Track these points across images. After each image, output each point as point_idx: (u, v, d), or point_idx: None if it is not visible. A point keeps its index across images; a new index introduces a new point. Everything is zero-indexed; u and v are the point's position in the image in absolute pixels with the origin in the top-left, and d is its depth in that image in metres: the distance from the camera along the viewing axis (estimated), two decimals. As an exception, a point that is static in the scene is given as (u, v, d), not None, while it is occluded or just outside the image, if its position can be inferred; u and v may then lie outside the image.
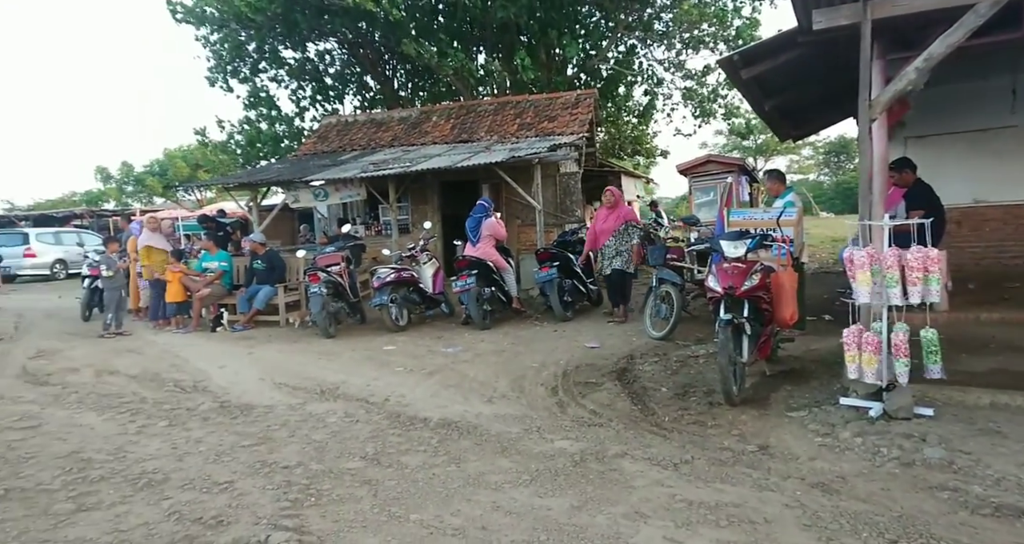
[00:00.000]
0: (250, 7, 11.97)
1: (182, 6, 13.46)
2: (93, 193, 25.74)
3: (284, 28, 13.27)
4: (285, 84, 15.60)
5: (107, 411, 5.01)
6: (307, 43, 14.95)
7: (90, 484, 3.49)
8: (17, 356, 7.35)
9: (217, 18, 13.02)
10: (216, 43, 14.02)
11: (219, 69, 14.31)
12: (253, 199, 11.45)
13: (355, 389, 5.47)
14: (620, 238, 7.61)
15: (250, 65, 14.56)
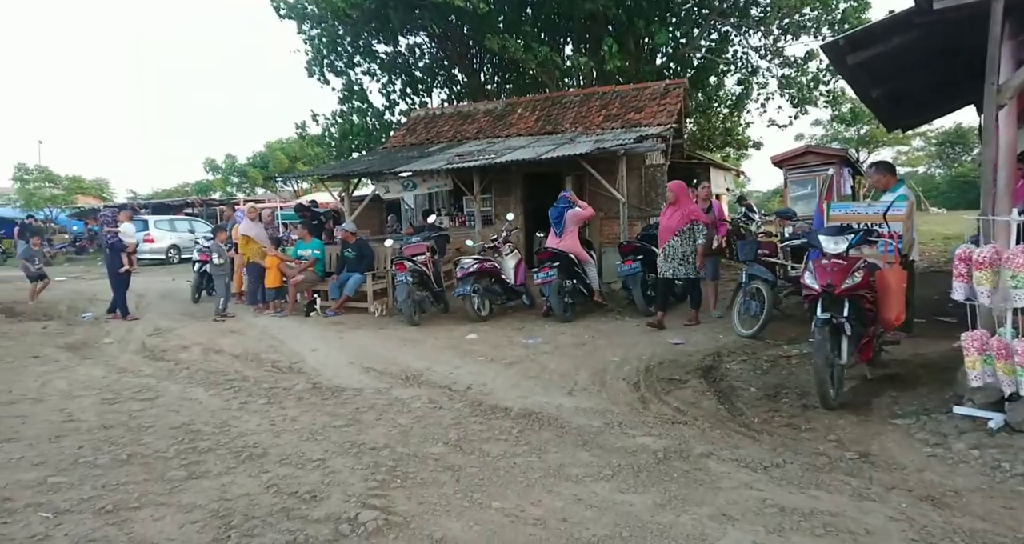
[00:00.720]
0: (347, 3, 12.47)
1: (284, 2, 14.22)
2: (202, 183, 27.78)
3: (377, 22, 13.71)
4: (377, 78, 16.16)
5: (213, 387, 5.39)
6: (398, 37, 15.39)
7: (199, 454, 3.77)
8: (138, 333, 8.04)
9: (316, 14, 13.67)
10: (315, 38, 14.70)
11: (316, 62, 15.00)
12: (345, 190, 11.93)
13: (438, 376, 5.60)
14: (684, 238, 6.98)
15: (345, 59, 15.16)
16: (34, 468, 3.54)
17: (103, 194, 25.48)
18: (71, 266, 18.91)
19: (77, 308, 10.04)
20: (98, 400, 4.98)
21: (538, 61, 13.00)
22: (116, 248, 9.07)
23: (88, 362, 6.50)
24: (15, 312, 9.74)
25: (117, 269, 9.00)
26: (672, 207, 7.09)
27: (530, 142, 11.27)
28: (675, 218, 7.00)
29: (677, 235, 6.97)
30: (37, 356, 6.66)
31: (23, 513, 2.98)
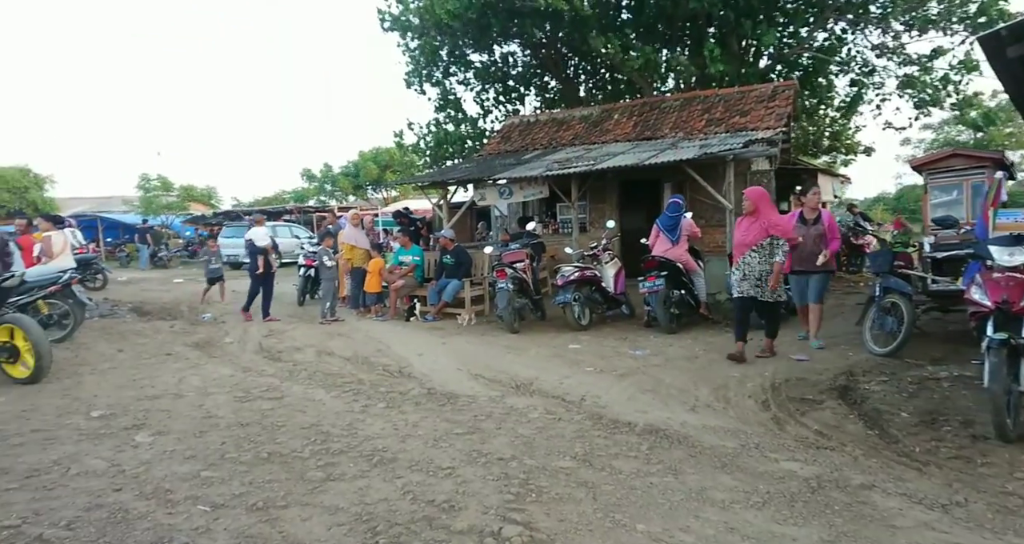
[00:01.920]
0: (449, 14, 12.77)
1: (390, 15, 14.77)
2: (299, 192, 29.26)
3: (476, 32, 13.95)
4: (471, 87, 16.45)
5: (333, 389, 5.54)
6: (494, 46, 15.60)
7: (332, 456, 3.84)
8: (253, 334, 8.45)
9: (418, 26, 14.10)
10: (415, 49, 15.16)
11: (415, 74, 15.46)
12: (443, 197, 12.15)
13: (549, 386, 5.52)
14: (762, 255, 5.92)
15: (442, 69, 15.53)
16: (186, 461, 3.73)
17: (212, 201, 27.30)
18: (185, 269, 20.34)
19: (197, 309, 10.71)
20: (231, 398, 5.22)
21: (638, 64, 12.77)
22: (252, 252, 9.54)
23: (215, 360, 6.87)
24: (144, 311, 10.50)
25: (255, 271, 9.48)
26: (749, 218, 6.02)
27: (628, 148, 11.06)
28: (752, 231, 5.96)
29: (755, 251, 5.93)
30: (170, 354, 7.10)
31: (184, 505, 3.11)
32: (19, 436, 4.17)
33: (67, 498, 3.17)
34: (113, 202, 30.40)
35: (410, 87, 15.73)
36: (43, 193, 24.44)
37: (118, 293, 12.83)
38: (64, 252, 8.91)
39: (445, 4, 12.87)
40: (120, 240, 24.48)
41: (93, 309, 9.31)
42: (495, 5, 13.04)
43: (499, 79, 16.49)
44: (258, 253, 9.42)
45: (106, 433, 4.25)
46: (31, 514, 2.96)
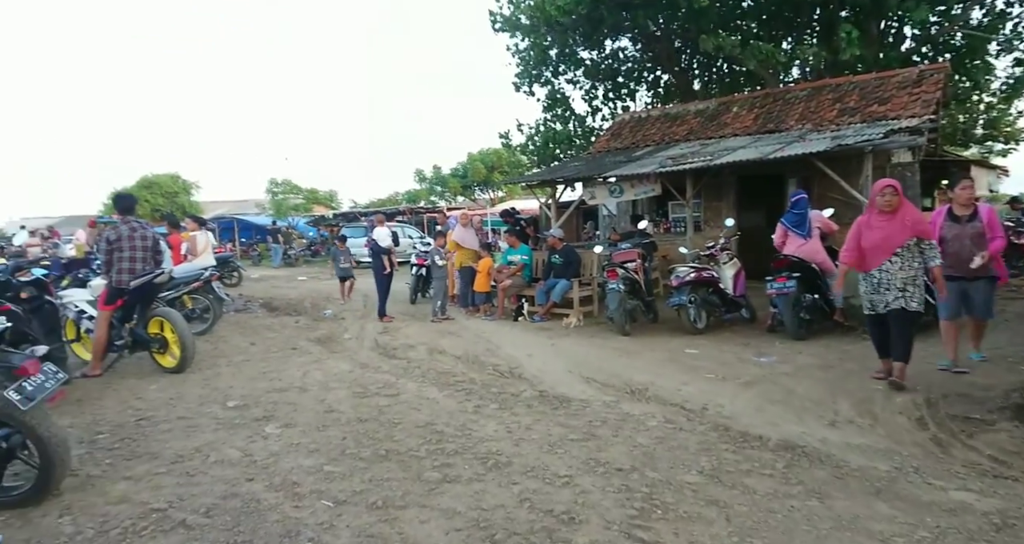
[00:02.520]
0: (559, 10, 12.68)
1: (501, 16, 14.92)
2: (411, 193, 30.43)
3: (587, 27, 13.75)
4: (580, 85, 16.27)
5: (446, 388, 5.57)
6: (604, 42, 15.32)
7: (448, 457, 3.82)
8: (369, 331, 8.75)
9: (528, 25, 14.14)
10: (524, 50, 15.22)
11: (524, 74, 15.52)
12: (552, 196, 12.06)
13: (666, 392, 5.23)
14: (905, 259, 4.93)
15: (551, 68, 15.48)
16: (311, 455, 3.85)
17: (332, 203, 29.03)
18: (308, 267, 21.68)
19: (318, 305, 11.30)
20: (350, 393, 5.38)
21: (760, 56, 12.00)
22: (376, 252, 9.74)
23: (335, 356, 7.16)
24: (272, 307, 11.23)
25: (380, 271, 9.60)
26: (886, 215, 4.98)
27: (749, 142, 10.39)
28: (896, 231, 4.94)
29: (897, 255, 4.93)
30: (295, 348, 7.50)
31: (309, 499, 3.19)
32: (167, 422, 4.51)
33: (206, 485, 3.35)
34: (247, 205, 33.11)
35: (519, 89, 15.82)
36: (190, 197, 27.06)
37: (251, 289, 13.85)
38: (206, 251, 9.71)
39: (556, 0, 12.76)
40: (253, 240, 26.57)
41: (230, 304, 10.06)
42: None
43: (609, 76, 16.16)
44: (382, 253, 9.62)
45: (240, 423, 4.50)
46: (176, 499, 3.15)
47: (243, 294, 12.70)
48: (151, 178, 26.45)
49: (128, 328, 6.08)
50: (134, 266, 5.89)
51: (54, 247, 14.96)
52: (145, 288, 6.04)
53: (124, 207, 6.21)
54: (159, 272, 6.17)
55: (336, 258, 11.89)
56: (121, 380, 5.83)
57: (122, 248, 5.87)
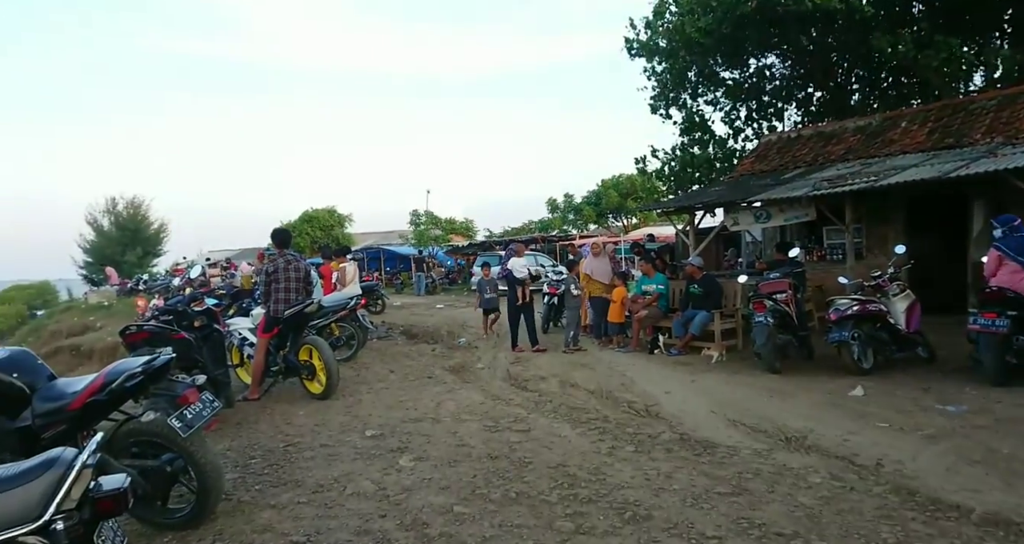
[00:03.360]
0: (700, 32, 12.25)
1: (638, 41, 14.74)
2: (544, 221, 30.74)
3: (730, 46, 13.16)
4: (720, 106, 15.55)
5: (578, 425, 5.34)
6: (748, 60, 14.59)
7: (581, 504, 3.57)
8: (501, 360, 8.74)
9: (666, 48, 13.82)
10: (662, 73, 14.88)
11: (661, 97, 15.14)
12: (690, 223, 11.49)
13: (829, 442, 4.60)
14: None
15: (690, 90, 14.97)
16: (441, 492, 3.78)
17: (469, 233, 30.08)
18: (445, 295, 22.49)
19: (454, 333, 11.56)
20: (481, 426, 5.32)
21: (937, 62, 10.69)
22: (511, 281, 9.45)
23: (468, 386, 7.20)
24: (412, 334, 11.66)
25: (514, 302, 9.29)
26: None
27: (922, 159, 9.21)
28: None
29: None
30: (430, 377, 7.65)
31: (439, 542, 3.10)
32: (311, 450, 4.70)
33: (342, 519, 3.39)
34: (392, 236, 35.30)
35: (655, 112, 15.43)
36: (344, 229, 29.42)
37: (393, 316, 14.55)
38: (354, 280, 10.34)
39: (696, 22, 12.34)
40: (396, 269, 28.15)
41: (373, 332, 10.58)
42: (752, 16, 12.10)
43: (753, 95, 15.27)
44: (517, 283, 9.39)
45: (376, 454, 4.57)
46: (314, 532, 3.20)
47: (386, 321, 13.34)
48: (311, 213, 29.14)
49: (282, 355, 6.52)
50: (288, 296, 6.33)
51: (231, 277, 16.74)
52: (297, 317, 6.46)
53: (281, 241, 6.74)
54: (309, 302, 6.58)
55: (481, 288, 10.78)
56: (275, 404, 6.24)
57: (278, 279, 6.34)
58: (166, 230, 36.22)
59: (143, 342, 5.49)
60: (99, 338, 14.97)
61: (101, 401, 3.14)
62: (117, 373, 3.16)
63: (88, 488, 1.76)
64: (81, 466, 1.74)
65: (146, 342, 5.45)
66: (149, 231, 35.20)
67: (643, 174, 16.85)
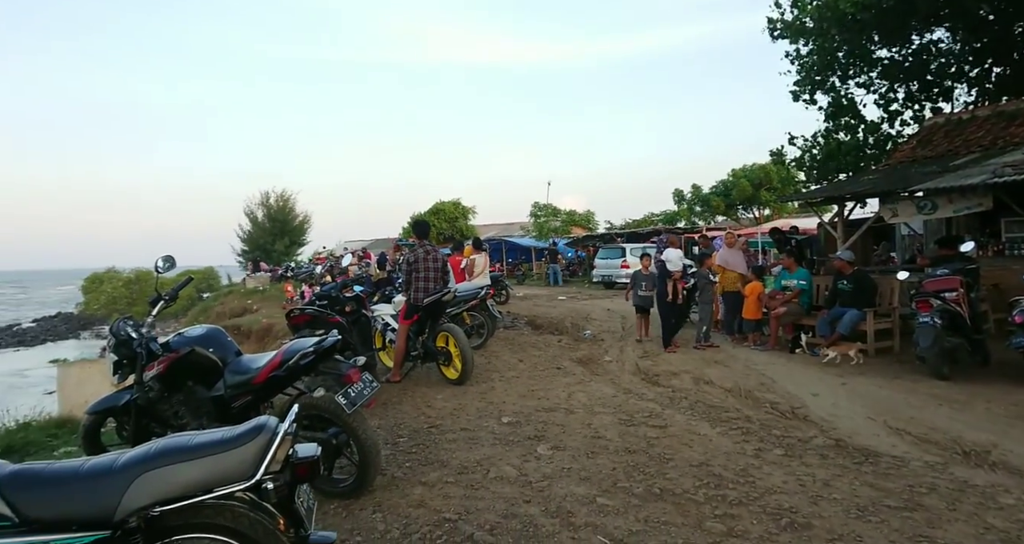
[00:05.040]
0: (856, 6, 11.17)
1: (782, 22, 13.76)
2: (668, 213, 29.77)
3: (894, 20, 11.90)
4: (874, 88, 14.11)
5: (718, 424, 5.12)
6: (911, 36, 13.14)
7: (730, 506, 3.42)
8: (630, 354, 8.60)
9: (813, 29, 12.79)
10: (806, 56, 13.80)
11: (805, 81, 14.06)
12: (838, 214, 10.62)
13: (1021, 461, 4.06)
14: None
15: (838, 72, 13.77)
16: (582, 483, 3.78)
17: (589, 225, 29.89)
18: (566, 287, 22.54)
19: (578, 325, 11.54)
20: (616, 420, 5.26)
21: None
22: (662, 275, 8.84)
23: (597, 378, 7.15)
24: (536, 325, 11.79)
25: (664, 297, 8.74)
26: None
27: None
28: None
29: None
30: (559, 368, 7.69)
31: (585, 532, 3.10)
32: (452, 432, 4.89)
33: (488, 500, 3.49)
34: (513, 228, 35.91)
35: (797, 98, 14.31)
36: (467, 221, 30.35)
37: (516, 307, 14.78)
38: (483, 271, 10.63)
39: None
40: (518, 260, 28.62)
41: (500, 321, 10.82)
42: None
43: (914, 75, 13.69)
44: (668, 277, 8.71)
45: (514, 440, 4.67)
46: (464, 511, 3.32)
47: (510, 312, 13.60)
48: (439, 205, 30.34)
49: (421, 341, 6.83)
50: (428, 285, 6.62)
51: (366, 267, 17.86)
52: (435, 305, 6.74)
53: (421, 232, 7.05)
54: (446, 291, 6.83)
55: (636, 282, 9.50)
56: (415, 387, 6.56)
57: (418, 269, 6.64)
58: (309, 221, 39.28)
59: (305, 324, 6.00)
60: (255, 320, 16.61)
61: (280, 376, 3.46)
62: (292, 352, 3.46)
63: (288, 454, 1.93)
64: (284, 434, 1.92)
65: (307, 324, 5.96)
66: (295, 222, 38.33)
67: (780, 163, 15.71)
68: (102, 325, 28.10)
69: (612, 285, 20.25)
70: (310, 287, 16.72)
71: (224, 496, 1.84)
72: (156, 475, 1.77)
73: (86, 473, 1.78)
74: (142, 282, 21.57)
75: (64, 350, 23.67)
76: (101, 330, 28.04)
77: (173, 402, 3.63)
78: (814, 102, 14.29)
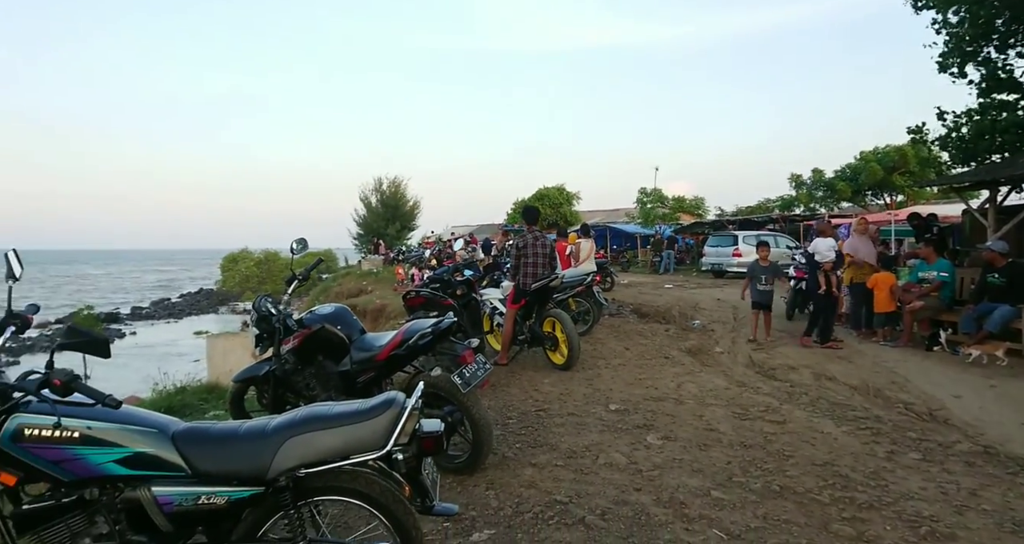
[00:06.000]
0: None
1: None
2: (785, 199, 27.92)
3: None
4: (1044, 58, 12.37)
5: (844, 423, 4.81)
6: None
7: (859, 509, 3.21)
8: (742, 346, 8.24)
9: (970, -8, 11.40)
10: (957, 25, 12.34)
11: (954, 53, 12.59)
12: (989, 200, 9.51)
13: None
14: None
15: (996, 42, 12.19)
16: (695, 475, 3.69)
17: (699, 212, 28.76)
18: (672, 276, 21.91)
19: (686, 315, 11.20)
20: (729, 413, 5.07)
21: None
22: (812, 266, 8.23)
23: (708, 369, 6.92)
24: (642, 313, 11.59)
25: (814, 288, 8.16)
26: None
27: None
28: None
29: None
30: (667, 357, 7.51)
31: (699, 524, 3.03)
32: (559, 417, 4.93)
33: (598, 486, 3.49)
34: (617, 214, 35.33)
35: (944, 71, 12.81)
36: (571, 207, 30.18)
37: (621, 294, 14.59)
38: (589, 257, 10.57)
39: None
40: (622, 247, 28.16)
41: (606, 308, 10.72)
42: None
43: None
44: (818, 268, 8.08)
45: (623, 428, 4.63)
46: (574, 495, 3.35)
47: (615, 299, 13.43)
48: (543, 190, 30.37)
49: (528, 325, 6.92)
50: (536, 271, 6.67)
51: (472, 251, 18.31)
52: (543, 290, 6.79)
53: (530, 218, 7.10)
54: (554, 276, 6.86)
55: (755, 275, 8.50)
56: (522, 371, 6.67)
57: (527, 254, 6.70)
58: (419, 207, 40.75)
59: (420, 306, 6.26)
60: (369, 301, 17.51)
61: (400, 355, 3.65)
62: (412, 332, 3.63)
63: (415, 428, 2.03)
64: (411, 408, 2.02)
65: (422, 306, 6.21)
66: (406, 208, 39.92)
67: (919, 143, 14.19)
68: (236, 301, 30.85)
69: (722, 274, 19.47)
70: (419, 270, 17.38)
71: (359, 464, 1.97)
72: (302, 440, 1.93)
73: (243, 434, 1.98)
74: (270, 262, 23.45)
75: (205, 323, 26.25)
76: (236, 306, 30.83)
77: (305, 374, 3.93)
78: (963, 75, 12.75)
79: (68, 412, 1.85)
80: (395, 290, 17.64)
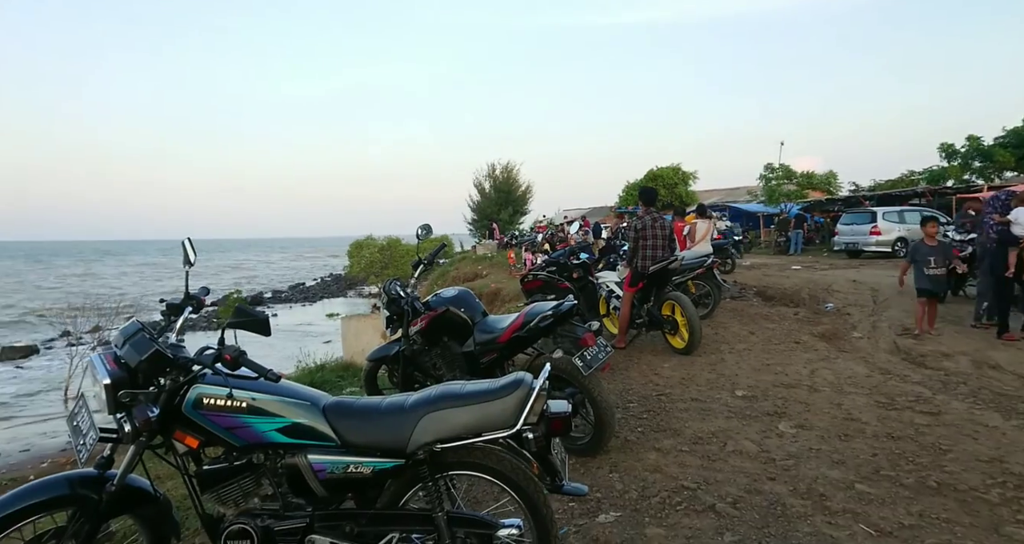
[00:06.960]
0: None
1: None
2: (934, 171, 24.94)
3: None
4: None
5: (1014, 416, 4.29)
6: None
7: (1035, 513, 2.86)
8: (884, 331, 7.57)
9: None
10: None
11: None
12: None
13: None
14: None
15: None
16: (835, 466, 3.46)
17: (830, 188, 26.57)
18: (800, 256, 20.51)
19: (817, 297, 10.44)
20: (871, 402, 4.69)
21: None
22: (1003, 241, 7.01)
23: (845, 355, 6.43)
24: (767, 296, 10.95)
25: (998, 269, 6.97)
26: None
27: None
28: None
29: None
30: (798, 342, 7.05)
31: (843, 518, 2.84)
32: (682, 402, 4.79)
33: (727, 474, 3.37)
34: (739, 193, 33.57)
35: None
36: (688, 187, 29.01)
37: (743, 277, 13.86)
38: (705, 238, 10.14)
39: None
40: (744, 227, 26.72)
41: (726, 291, 10.25)
42: None
43: None
44: (1011, 243, 6.86)
45: (751, 415, 4.42)
46: (702, 482, 3.25)
47: (737, 281, 12.79)
48: (656, 171, 29.43)
49: (646, 308, 6.77)
50: (655, 253, 6.50)
51: (585, 234, 18.17)
52: (661, 273, 6.60)
53: (647, 199, 6.91)
54: (673, 259, 6.65)
55: (920, 257, 7.19)
56: (640, 355, 6.55)
57: (646, 236, 6.53)
58: (531, 191, 41.01)
59: (537, 289, 6.33)
60: (484, 285, 17.93)
61: (522, 336, 3.71)
62: (533, 314, 3.67)
63: (544, 409, 2.06)
64: (539, 389, 2.05)
65: (539, 289, 6.27)
66: (518, 192, 40.31)
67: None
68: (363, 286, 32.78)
69: (858, 254, 17.98)
70: (532, 254, 17.53)
71: (490, 441, 2.03)
72: (438, 416, 2.02)
73: (385, 409, 2.10)
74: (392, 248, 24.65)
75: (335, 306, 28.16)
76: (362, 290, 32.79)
77: (432, 355, 4.10)
78: None
79: (237, 384, 2.06)
80: (511, 275, 17.93)
